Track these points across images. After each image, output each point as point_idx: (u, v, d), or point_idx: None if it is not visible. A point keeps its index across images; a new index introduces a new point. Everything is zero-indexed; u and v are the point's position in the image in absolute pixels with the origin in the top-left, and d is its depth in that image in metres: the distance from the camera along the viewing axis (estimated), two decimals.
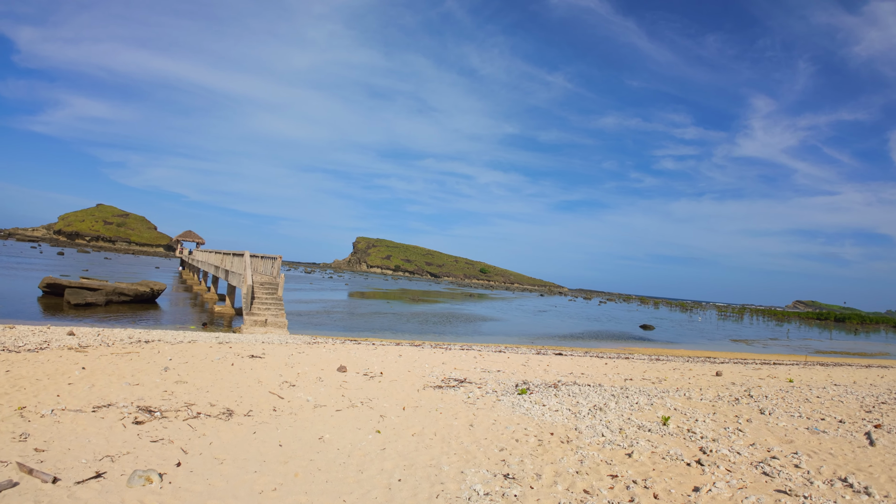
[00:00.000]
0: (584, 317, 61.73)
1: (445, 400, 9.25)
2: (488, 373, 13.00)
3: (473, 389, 10.35)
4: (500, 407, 8.96)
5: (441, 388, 10.27)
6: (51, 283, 26.54)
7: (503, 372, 13.36)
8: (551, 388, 11.22)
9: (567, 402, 9.78)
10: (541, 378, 12.92)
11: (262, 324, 21.24)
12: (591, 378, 13.89)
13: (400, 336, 27.17)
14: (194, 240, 77.63)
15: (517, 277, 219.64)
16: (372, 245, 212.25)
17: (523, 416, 8.41)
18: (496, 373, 13.11)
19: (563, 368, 15.54)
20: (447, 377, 11.54)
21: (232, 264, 27.83)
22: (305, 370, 10.85)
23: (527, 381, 11.94)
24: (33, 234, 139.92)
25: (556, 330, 40.33)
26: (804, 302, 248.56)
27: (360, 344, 17.82)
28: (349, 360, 12.94)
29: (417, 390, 9.86)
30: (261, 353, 12.76)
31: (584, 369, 15.89)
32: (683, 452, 7.05)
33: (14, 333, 12.41)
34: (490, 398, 9.65)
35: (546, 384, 11.82)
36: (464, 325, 36.48)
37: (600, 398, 10.41)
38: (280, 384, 9.29)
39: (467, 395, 9.81)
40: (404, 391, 9.68)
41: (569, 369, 15.50)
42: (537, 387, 11.32)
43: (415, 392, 9.68)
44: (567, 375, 14.07)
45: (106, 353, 11.06)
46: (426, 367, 12.74)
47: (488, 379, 11.86)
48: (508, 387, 11.04)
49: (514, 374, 13.30)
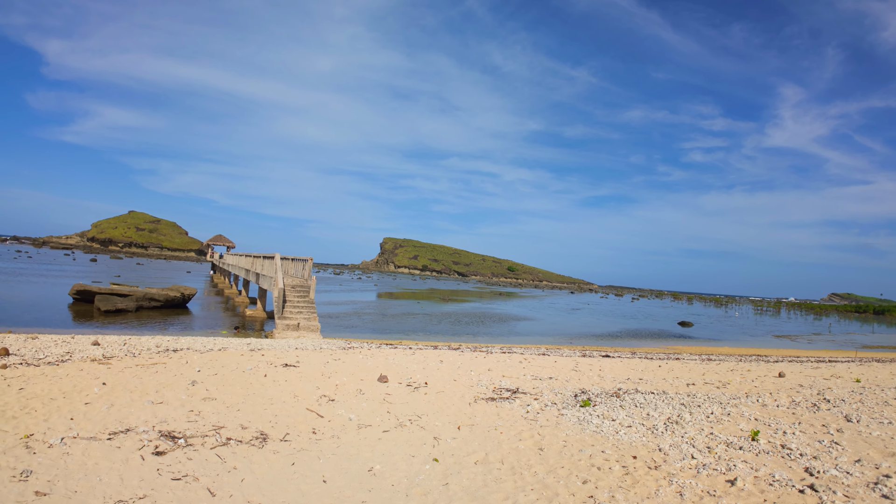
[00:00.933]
0: (620, 314, 60.20)
1: (502, 416, 8.22)
2: (540, 380, 11.93)
3: (530, 401, 9.31)
4: (565, 423, 7.90)
5: (494, 400, 9.24)
6: (81, 289, 26.23)
7: (555, 379, 12.28)
8: (613, 398, 10.12)
9: (637, 415, 8.69)
10: (597, 385, 11.80)
11: (294, 328, 20.48)
12: (650, 384, 12.74)
13: (433, 338, 26.26)
14: (225, 244, 77.77)
15: (545, 275, 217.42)
16: (399, 245, 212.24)
17: (595, 435, 7.34)
18: (548, 380, 12.03)
19: (618, 373, 14.38)
20: (498, 387, 10.50)
21: (262, 267, 27.21)
22: (344, 381, 9.93)
23: (585, 390, 10.84)
24: (67, 242, 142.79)
25: (593, 329, 39.05)
26: (839, 294, 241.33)
27: (396, 348, 16.89)
28: (389, 367, 12.00)
29: (469, 404, 8.84)
30: (295, 361, 11.89)
31: (640, 373, 14.72)
32: (790, 476, 5.91)
33: (36, 344, 11.75)
34: (551, 412, 8.60)
35: (606, 393, 10.72)
36: (498, 326, 35.40)
37: (670, 409, 9.29)
38: (318, 399, 8.36)
39: (525, 408, 8.76)
40: (455, 405, 8.67)
41: (623, 374, 14.34)
42: (597, 396, 10.24)
43: (466, 406, 8.67)
44: (624, 381, 12.93)
45: (130, 364, 10.29)
46: (472, 375, 11.72)
47: (542, 388, 10.80)
48: (567, 397, 9.97)
49: (568, 381, 12.20)
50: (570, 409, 8.96)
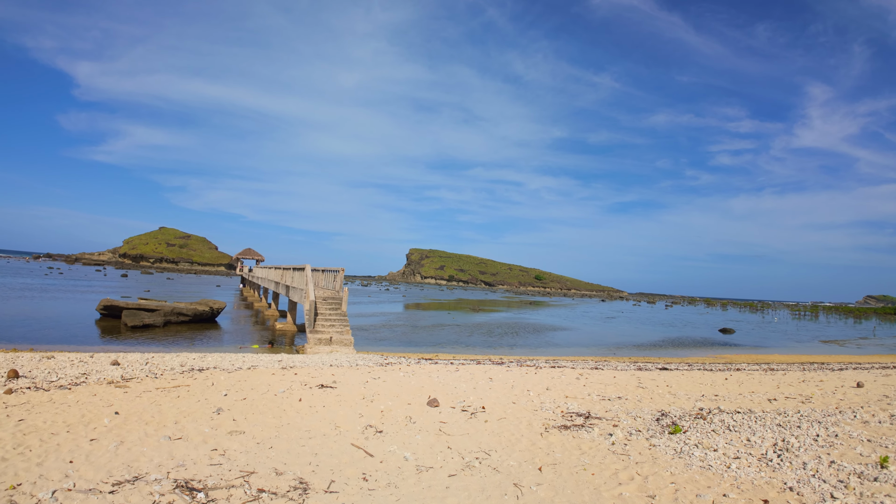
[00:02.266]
0: (657, 322, 58.11)
1: (585, 449, 6.88)
2: (609, 400, 10.53)
3: (609, 429, 7.95)
4: (662, 457, 6.54)
5: (568, 428, 7.88)
6: (108, 304, 25.54)
7: (625, 399, 10.85)
8: (700, 421, 8.72)
9: (736, 442, 7.35)
10: (674, 405, 10.36)
11: (326, 342, 19.35)
12: (729, 401, 11.24)
13: (469, 350, 24.95)
14: (254, 257, 77.60)
15: (574, 283, 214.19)
16: (425, 256, 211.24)
17: (705, 472, 5.98)
18: (618, 400, 10.62)
19: (687, 388, 12.87)
20: (566, 410, 9.13)
21: (293, 279, 26.22)
22: (389, 405, 8.67)
23: (664, 412, 9.42)
24: (99, 258, 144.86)
25: (634, 338, 37.28)
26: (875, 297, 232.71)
27: (436, 363, 15.61)
28: (435, 387, 10.72)
29: (540, 434, 7.51)
30: (331, 381, 10.68)
31: (710, 388, 13.20)
32: None
33: (51, 365, 10.73)
34: (639, 442, 7.24)
35: (688, 414, 9.30)
36: (534, 336, 33.88)
37: (770, 432, 7.92)
38: (363, 430, 7.11)
39: (607, 438, 7.40)
40: (525, 436, 7.35)
41: (693, 389, 12.84)
42: (681, 419, 8.85)
43: (538, 437, 7.34)
44: (700, 399, 11.45)
45: (150, 387, 9.19)
46: (532, 396, 10.37)
47: (616, 410, 9.40)
48: (648, 421, 8.58)
49: (640, 400, 10.77)
50: (659, 436, 7.61)
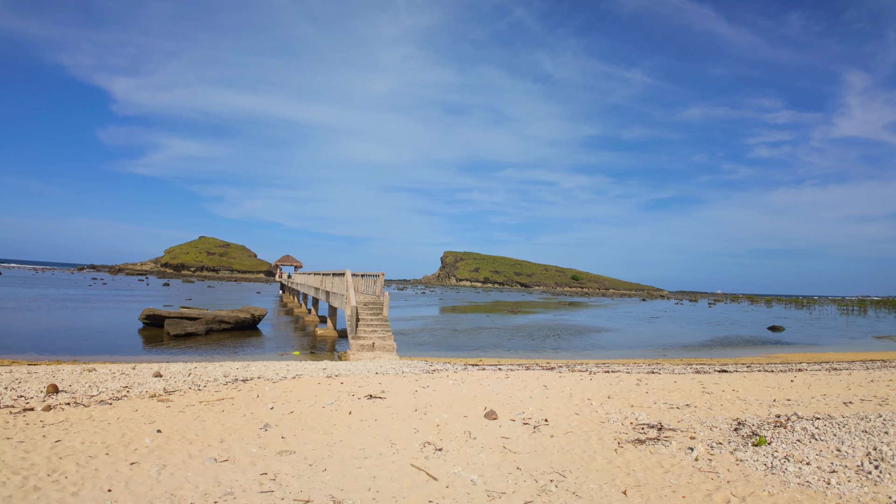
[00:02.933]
0: (702, 321, 56.44)
1: (665, 465, 6.18)
2: (677, 409, 9.73)
3: (686, 441, 7.21)
4: (753, 473, 5.83)
5: (642, 442, 7.16)
6: (150, 314, 25.66)
7: (694, 406, 10.03)
8: (781, 429, 7.89)
9: (827, 452, 6.59)
10: (748, 411, 9.52)
11: (369, 348, 18.91)
12: (803, 405, 10.33)
13: (512, 354, 24.26)
14: (292, 263, 78.32)
15: (612, 283, 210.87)
16: (459, 259, 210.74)
17: (805, 490, 5.29)
18: (686, 408, 9.81)
19: (756, 393, 11.94)
20: (636, 422, 8.39)
21: (332, 285, 25.93)
22: (444, 418, 8.08)
23: (741, 421, 8.59)
24: (141, 268, 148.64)
25: (681, 339, 36.01)
26: None
27: (484, 369, 14.97)
28: (488, 396, 10.09)
29: (614, 449, 6.81)
30: (379, 391, 10.15)
31: (779, 391, 12.24)
32: None
33: (92, 378, 10.47)
34: (723, 456, 6.51)
35: (766, 422, 8.45)
36: (577, 339, 32.91)
37: (858, 440, 7.11)
38: (421, 447, 6.53)
39: (687, 452, 6.67)
40: (598, 452, 6.66)
41: (762, 394, 11.90)
42: (760, 427, 8.03)
43: (612, 453, 6.65)
44: (772, 404, 10.55)
45: (194, 400, 8.79)
46: (594, 406, 9.64)
47: (688, 420, 8.62)
48: (725, 431, 7.80)
49: (710, 408, 9.94)
50: (743, 449, 6.87)
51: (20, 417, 7.08)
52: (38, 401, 8.25)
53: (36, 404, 7.95)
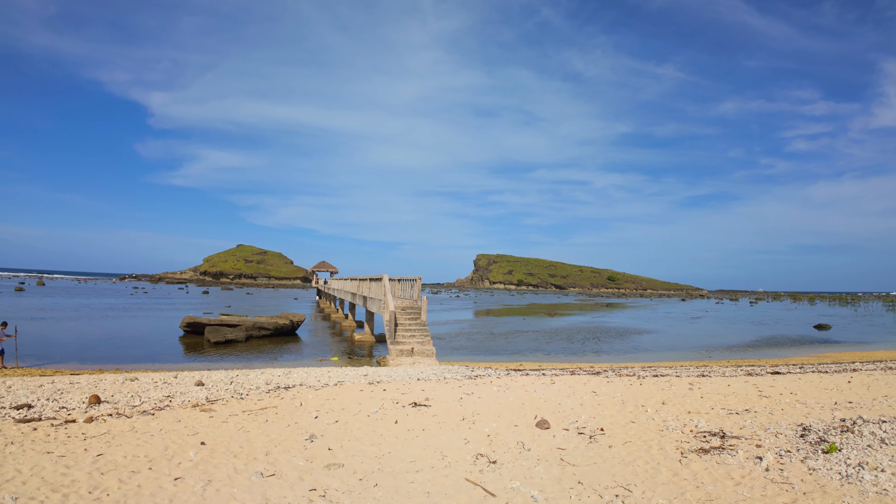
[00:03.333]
0: (745, 320, 54.98)
1: (735, 476, 5.72)
2: (736, 414, 9.15)
3: (752, 449, 6.74)
4: (826, 483, 5.42)
5: (706, 451, 6.66)
6: (191, 321, 25.91)
7: (754, 411, 9.42)
8: (849, 435, 7.40)
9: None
10: (811, 416, 8.88)
11: (408, 353, 18.62)
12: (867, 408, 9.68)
13: (552, 358, 23.71)
14: (328, 269, 78.87)
15: (649, 283, 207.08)
16: (492, 261, 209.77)
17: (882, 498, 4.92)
18: (745, 413, 9.21)
19: (815, 395, 11.22)
20: (696, 429, 7.86)
21: (370, 290, 25.78)
22: (494, 427, 7.68)
23: (804, 425, 8.00)
24: (181, 277, 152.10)
25: (725, 339, 34.95)
26: None
27: (528, 374, 14.50)
28: (536, 403, 9.66)
29: (678, 460, 6.33)
30: (423, 398, 9.81)
31: (839, 393, 11.50)
32: None
33: (134, 388, 10.39)
34: (794, 465, 6.05)
35: (831, 427, 7.88)
36: (618, 341, 32.08)
37: None
38: (474, 459, 6.16)
39: (756, 462, 6.19)
40: (661, 463, 6.20)
41: (822, 396, 11.18)
42: (826, 432, 7.52)
43: (677, 464, 6.17)
44: (834, 407, 9.91)
45: (237, 410, 8.59)
46: (650, 413, 9.12)
47: (750, 426, 8.06)
48: (791, 438, 7.27)
49: (772, 413, 9.33)
50: (814, 457, 6.41)
51: (61, 430, 6.96)
52: (80, 412, 8.15)
53: (78, 416, 7.84)
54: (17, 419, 7.48)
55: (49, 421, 7.48)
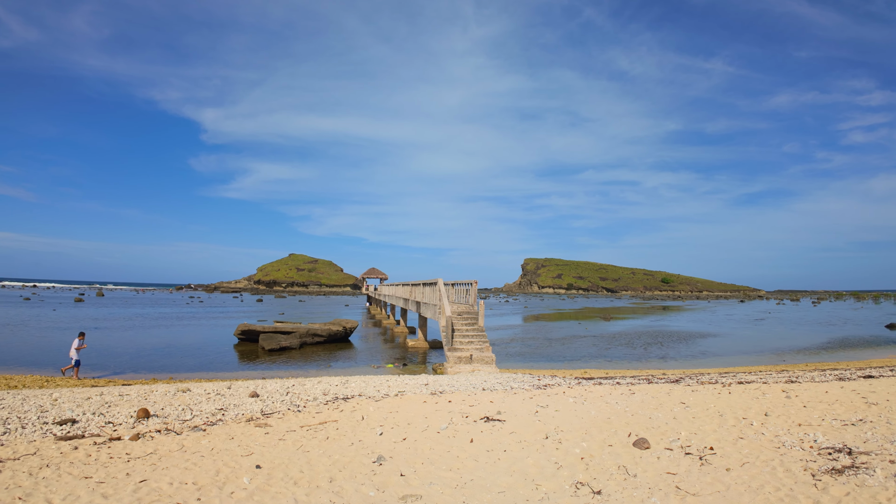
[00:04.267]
0: (811, 321, 52.56)
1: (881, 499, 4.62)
2: (851, 425, 7.85)
3: (887, 466, 5.69)
4: None
5: (838, 471, 5.54)
6: (245, 329, 25.69)
7: (869, 422, 8.08)
8: None
9: None
10: None
11: (466, 360, 17.69)
12: None
13: (616, 364, 22.43)
14: (378, 276, 79.11)
15: (704, 284, 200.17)
16: (541, 265, 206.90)
17: None
18: (861, 423, 7.90)
19: None
20: (815, 445, 6.66)
21: (423, 295, 25.00)
22: (585, 448, 6.66)
23: None
24: (236, 286, 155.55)
25: (795, 341, 33.05)
26: None
27: (601, 384, 13.35)
28: (623, 417, 8.57)
29: (812, 484, 5.21)
30: (494, 411, 8.85)
31: None
32: None
33: (185, 400, 9.78)
34: None
35: None
36: (683, 346, 30.37)
37: None
38: (573, 489, 5.18)
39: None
40: (793, 489, 5.11)
41: None
42: None
43: (811, 489, 5.09)
44: None
45: (294, 424, 7.83)
46: (756, 427, 7.91)
47: (874, 439, 6.83)
48: None
49: (889, 422, 7.98)
50: None
51: (104, 450, 6.31)
52: (127, 427, 7.54)
53: (124, 432, 7.23)
54: (58, 436, 6.90)
55: (92, 438, 6.87)
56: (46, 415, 8.32)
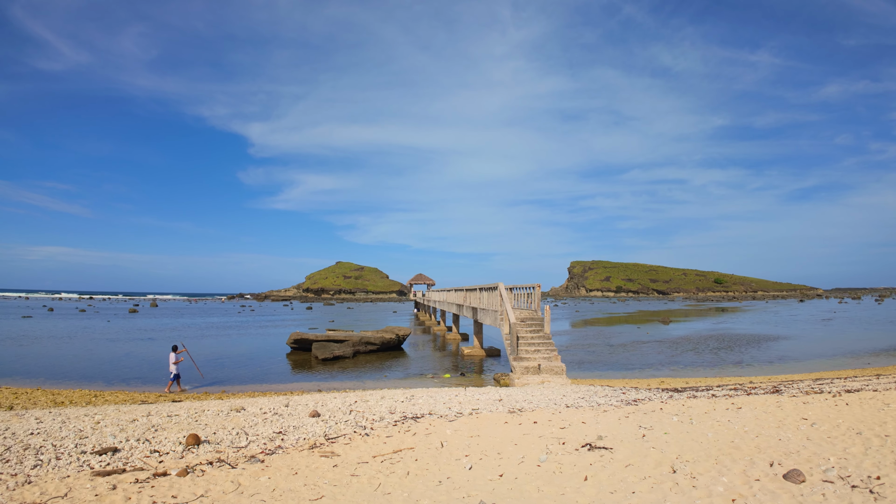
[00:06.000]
0: (883, 320, 50.20)
1: None
2: None
3: None
4: None
5: None
6: (298, 338, 24.98)
7: None
8: None
9: None
10: None
11: (534, 370, 16.36)
12: None
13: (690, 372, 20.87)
14: (425, 282, 78.45)
15: (759, 284, 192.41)
16: (588, 268, 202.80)
17: None
18: None
19: None
20: None
21: (480, 300, 23.75)
22: (729, 485, 5.32)
23: None
24: (285, 294, 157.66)
25: (875, 342, 30.90)
26: None
27: (695, 397, 11.82)
28: (749, 440, 7.14)
29: None
30: (594, 435, 7.53)
31: None
32: None
33: (240, 421, 8.78)
34: None
35: None
36: (755, 350, 28.33)
37: None
38: None
39: None
40: None
41: None
42: None
43: None
44: None
45: (364, 454, 6.71)
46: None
47: None
48: None
49: None
50: None
51: (146, 490, 5.31)
52: (175, 457, 6.57)
53: (171, 464, 6.25)
54: (95, 470, 5.97)
55: (135, 473, 5.89)
56: (85, 442, 7.45)
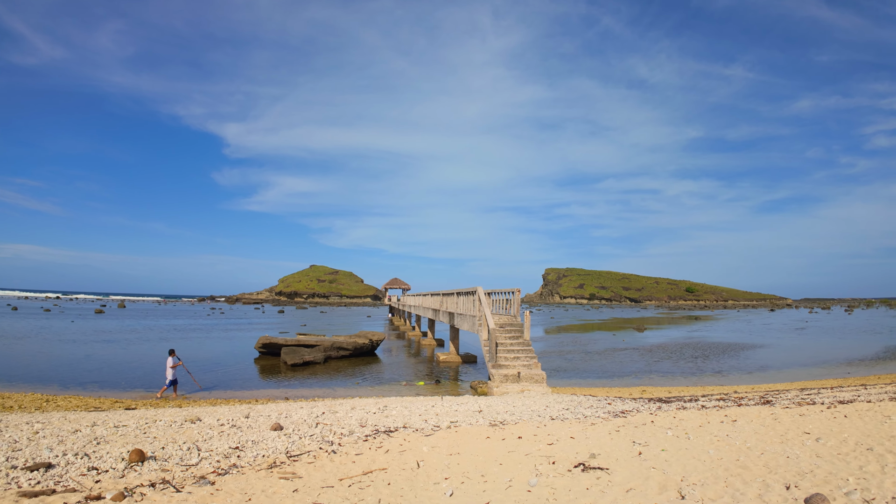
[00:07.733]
0: (855, 329, 50.98)
1: None
2: None
3: None
4: None
5: None
6: (267, 342, 23.93)
7: None
8: None
9: None
10: None
11: (514, 378, 15.69)
12: None
13: (670, 380, 20.61)
14: (401, 286, 77.75)
15: (730, 293, 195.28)
16: (562, 275, 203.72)
17: None
18: None
19: None
20: None
21: (457, 305, 23.01)
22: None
23: None
24: (257, 297, 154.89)
25: (850, 352, 31.16)
26: None
27: (685, 408, 11.25)
28: (753, 457, 6.54)
29: None
30: (585, 452, 6.85)
31: None
32: None
33: (193, 434, 7.88)
34: None
35: None
36: (732, 358, 28.22)
37: None
38: None
39: None
40: None
41: None
42: None
43: None
44: None
45: (330, 476, 5.92)
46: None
47: None
48: None
49: None
50: None
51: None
52: (115, 476, 5.69)
53: (109, 485, 5.38)
54: (21, 491, 5.08)
55: (64, 496, 5.00)
56: (18, 455, 6.52)
